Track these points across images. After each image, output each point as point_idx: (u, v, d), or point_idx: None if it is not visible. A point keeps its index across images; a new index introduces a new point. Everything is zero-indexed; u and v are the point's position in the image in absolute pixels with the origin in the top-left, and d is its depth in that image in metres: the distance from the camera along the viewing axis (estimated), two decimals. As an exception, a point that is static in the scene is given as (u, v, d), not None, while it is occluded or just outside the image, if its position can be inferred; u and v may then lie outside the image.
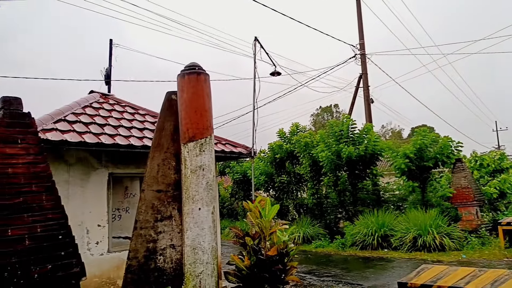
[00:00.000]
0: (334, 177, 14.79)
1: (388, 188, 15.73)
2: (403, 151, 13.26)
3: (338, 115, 54.57)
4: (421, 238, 11.00)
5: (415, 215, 11.83)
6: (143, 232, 4.45)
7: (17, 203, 3.09)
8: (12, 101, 3.45)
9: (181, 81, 4.45)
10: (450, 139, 13.10)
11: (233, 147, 8.07)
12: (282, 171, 17.12)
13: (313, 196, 15.49)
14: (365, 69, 17.52)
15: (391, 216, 12.70)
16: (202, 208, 4.10)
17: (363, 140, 14.19)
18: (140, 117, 7.77)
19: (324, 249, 12.76)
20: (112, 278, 6.14)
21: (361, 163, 14.20)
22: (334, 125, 14.86)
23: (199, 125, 4.26)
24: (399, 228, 11.83)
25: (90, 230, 6.10)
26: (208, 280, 3.91)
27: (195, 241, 4.00)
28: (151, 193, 4.56)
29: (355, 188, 14.57)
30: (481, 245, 10.85)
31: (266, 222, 4.30)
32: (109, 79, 12.50)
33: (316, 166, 15.39)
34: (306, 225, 14.40)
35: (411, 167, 13.11)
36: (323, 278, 8.23)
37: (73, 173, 6.14)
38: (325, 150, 14.01)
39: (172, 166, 4.65)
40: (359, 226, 12.60)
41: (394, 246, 11.52)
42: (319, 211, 15.61)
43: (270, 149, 17.31)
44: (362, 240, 12.09)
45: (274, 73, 12.91)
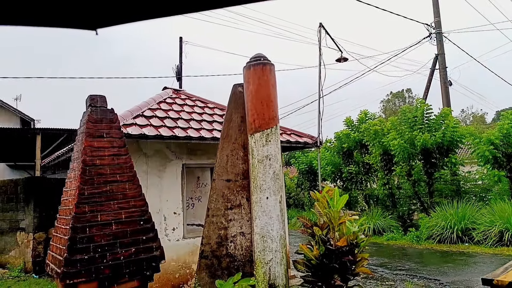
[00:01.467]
0: (407, 166, 13.96)
1: (469, 178, 14.44)
2: (487, 137, 12.05)
3: (411, 100, 51.19)
4: (509, 232, 9.96)
5: (501, 207, 10.74)
6: (214, 219, 4.66)
7: (105, 191, 3.43)
8: (98, 99, 3.82)
9: (247, 73, 4.53)
10: (545, 122, 11.59)
11: (298, 137, 8.03)
12: (350, 161, 16.62)
13: (384, 186, 14.81)
14: (442, 49, 16.14)
15: (472, 208, 11.68)
16: (269, 197, 4.16)
17: (440, 126, 13.17)
18: (209, 111, 8.09)
19: (396, 241, 12.20)
20: (187, 262, 6.55)
21: (438, 151, 13.21)
22: (407, 111, 13.99)
23: (265, 116, 4.31)
24: (483, 221, 10.84)
25: (167, 217, 6.55)
26: (277, 268, 3.98)
27: (264, 229, 4.09)
28: (221, 182, 4.74)
29: (431, 178, 13.62)
30: None
31: (335, 212, 4.23)
32: (180, 75, 13.17)
33: (387, 155, 14.68)
34: (376, 217, 13.88)
35: (496, 154, 11.88)
36: (396, 272, 7.88)
37: (151, 164, 6.63)
38: (397, 138, 13.28)
39: (240, 156, 4.79)
40: (436, 218, 11.79)
41: (476, 241, 10.59)
42: (390, 202, 14.91)
43: (337, 139, 16.89)
44: (439, 233, 11.31)
45: (341, 59, 12.49)
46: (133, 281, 3.35)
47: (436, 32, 16.08)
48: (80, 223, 3.21)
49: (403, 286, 6.70)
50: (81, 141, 3.59)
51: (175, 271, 6.43)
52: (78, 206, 3.26)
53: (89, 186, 3.35)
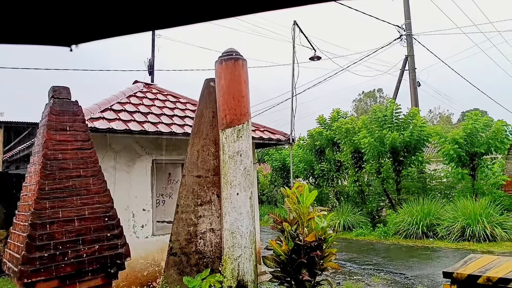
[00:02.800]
0: (377, 164, 14.33)
1: (435, 175, 15.00)
2: (452, 137, 12.54)
3: (382, 100, 52.60)
4: (470, 228, 10.44)
5: (464, 204, 11.22)
6: (184, 216, 4.60)
7: (67, 186, 3.29)
8: (61, 91, 3.66)
9: (219, 68, 4.48)
10: (504, 123, 12.19)
11: (271, 133, 8.05)
12: (322, 159, 16.88)
13: (354, 183, 15.14)
14: (411, 51, 16.64)
15: (437, 204, 12.14)
16: (240, 193, 4.15)
17: (408, 125, 13.58)
18: (181, 106, 7.96)
19: (365, 237, 12.51)
20: (156, 260, 6.43)
21: (406, 149, 13.63)
22: (377, 111, 14.33)
23: (236, 111, 4.28)
24: (446, 217, 11.29)
25: (136, 214, 6.40)
26: (246, 264, 3.97)
27: (234, 225, 4.07)
28: (191, 178, 4.68)
29: (399, 175, 14.04)
30: (539, 237, 10.11)
31: (304, 208, 4.27)
32: (152, 69, 12.89)
33: (357, 153, 15.01)
34: (346, 213, 14.17)
35: (460, 153, 12.39)
36: (363, 266, 8.08)
37: (119, 159, 6.45)
38: (367, 136, 13.59)
39: (211, 152, 4.74)
40: (403, 214, 12.18)
41: (440, 236, 11.03)
42: (360, 199, 15.27)
43: (310, 136, 17.09)
44: (406, 229, 11.69)
45: (314, 57, 12.62)
46: (97, 279, 3.24)
47: (407, 34, 16.56)
48: (40, 220, 3.07)
49: (370, 280, 6.88)
50: (42, 134, 3.43)
51: (143, 269, 6.30)
52: (37, 202, 3.11)
53: (50, 181, 3.21)
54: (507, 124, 12.32)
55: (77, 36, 1.04)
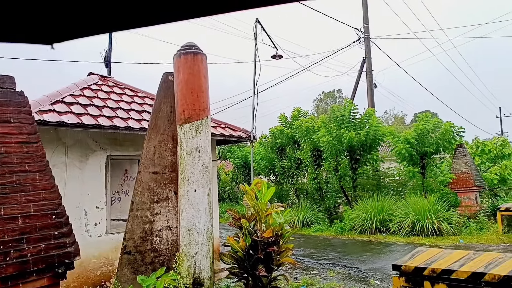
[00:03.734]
0: (334, 162, 14.76)
1: (388, 173, 15.72)
2: (404, 137, 13.19)
3: (341, 100, 54.24)
4: (420, 223, 11.05)
5: (414, 201, 11.85)
6: (139, 213, 4.47)
7: (10, 182, 3.08)
8: (5, 80, 3.41)
9: (177, 61, 4.39)
10: (452, 124, 13.00)
11: (233, 130, 8.03)
12: (283, 156, 17.12)
13: (313, 181, 15.51)
14: (369, 53, 17.28)
15: (390, 201, 12.73)
16: (197, 189, 4.09)
17: (365, 125, 14.10)
18: (139, 100, 7.72)
19: (323, 233, 12.86)
20: (110, 259, 6.21)
21: (362, 148, 14.15)
22: (336, 110, 14.75)
23: (195, 106, 4.22)
24: (398, 213, 11.87)
25: (88, 212, 6.13)
26: (203, 261, 3.94)
27: (190, 222, 4.02)
28: (148, 175, 4.56)
29: (356, 173, 14.56)
30: (479, 230, 10.89)
31: (262, 204, 4.30)
32: (109, 61, 12.37)
33: (316, 151, 15.38)
34: (305, 210, 14.48)
35: (412, 152, 13.06)
36: (320, 261, 8.30)
37: (71, 155, 6.14)
38: (326, 135, 13.95)
39: (169, 148, 4.64)
40: (358, 210, 12.65)
41: (393, 231, 11.58)
42: (319, 196, 15.67)
43: (271, 134, 17.27)
44: (360, 225, 12.16)
45: (276, 56, 12.73)
46: (43, 279, 3.06)
47: (365, 37, 17.16)
48: (-22, 218, 2.85)
49: (326, 274, 7.08)
50: (-18, 126, 3.18)
51: (96, 269, 6.06)
52: (-24, 199, 2.88)
53: (-10, 177, 2.98)
54: (454, 126, 13.14)
55: (58, 34, 1.02)
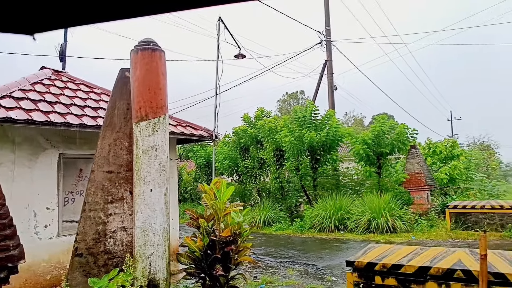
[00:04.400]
0: (296, 162, 15.01)
1: (347, 173, 16.22)
2: (362, 138, 13.66)
3: (304, 101, 55.26)
4: (375, 220, 11.49)
5: (370, 199, 12.31)
6: (92, 214, 4.30)
7: None
8: None
9: (134, 57, 4.27)
10: (406, 126, 13.63)
11: (194, 129, 7.93)
12: (246, 156, 17.16)
13: (276, 180, 15.69)
14: (330, 56, 17.73)
15: (348, 200, 13.14)
16: (154, 189, 4.00)
17: (325, 126, 14.45)
18: (95, 96, 7.42)
19: (284, 231, 13.03)
20: (62, 262, 5.92)
21: (322, 148, 14.50)
22: (298, 111, 15.01)
23: (152, 104, 4.12)
24: (355, 212, 12.27)
25: (38, 213, 5.81)
26: (158, 262, 3.85)
27: (146, 223, 3.92)
28: (102, 174, 4.40)
29: (316, 172, 14.90)
30: (429, 227, 11.51)
31: (221, 204, 4.28)
32: (63, 55, 11.77)
33: (279, 151, 15.57)
34: (267, 209, 14.61)
35: (369, 153, 13.55)
36: (280, 260, 8.40)
37: (19, 153, 5.79)
38: (288, 135, 14.15)
39: (125, 146, 4.50)
40: (318, 209, 12.94)
41: (350, 229, 11.96)
42: (281, 195, 15.87)
43: (235, 134, 17.26)
44: (320, 223, 12.45)
45: (239, 55, 12.74)
46: (-19, 286, 2.87)
47: (326, 40, 17.59)
48: None
49: (285, 272, 7.18)
50: None
51: (46, 272, 5.75)
52: None
53: None
54: (408, 128, 13.80)
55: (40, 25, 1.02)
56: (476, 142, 43.82)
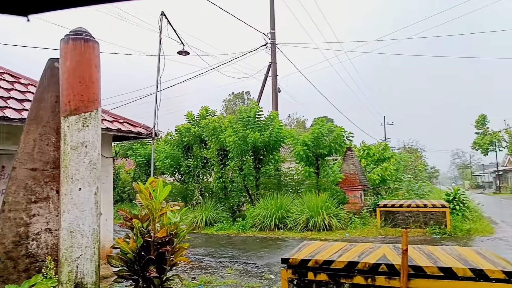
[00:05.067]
0: (240, 161, 15.09)
1: (288, 173, 16.67)
2: (303, 139, 14.12)
3: (250, 102, 55.82)
4: (313, 219, 11.94)
5: (309, 198, 12.77)
6: (12, 215, 3.94)
7: None
8: None
9: (65, 47, 3.98)
10: (343, 129, 14.34)
11: (132, 126, 7.61)
12: (189, 155, 16.89)
13: (219, 180, 15.62)
14: (274, 58, 18.08)
15: (289, 199, 13.50)
16: (83, 188, 3.77)
17: (269, 127, 14.72)
18: (21, 87, 6.81)
19: (225, 231, 13.03)
20: (-24, 269, 5.34)
21: (265, 148, 14.75)
22: (242, 111, 15.11)
23: (83, 97, 3.88)
24: (295, 210, 12.65)
25: None
26: (86, 265, 3.63)
27: (73, 224, 3.67)
28: (25, 171, 4.05)
29: (259, 172, 15.11)
30: (362, 225, 12.23)
31: (157, 204, 4.16)
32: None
33: (223, 151, 15.54)
34: (209, 209, 14.51)
35: (308, 154, 14.05)
36: (220, 259, 8.38)
37: None
38: (232, 135, 14.17)
39: (52, 142, 4.19)
40: (260, 208, 13.13)
41: (290, 227, 12.31)
42: (223, 195, 15.84)
43: (178, 132, 16.89)
44: (261, 222, 12.64)
45: (182, 52, 12.48)
46: None
47: (271, 43, 17.92)
48: None
49: (224, 272, 7.17)
50: None
51: (-44, 282, 5.15)
52: None
53: None
54: (345, 131, 14.53)
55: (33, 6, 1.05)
56: (406, 146, 47.48)
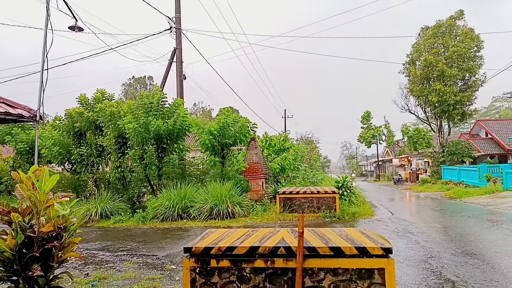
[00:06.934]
0: (140, 150, 14.35)
1: (193, 162, 16.47)
2: (208, 128, 14.08)
3: (152, 88, 53.43)
4: (217, 207, 12.06)
5: (214, 187, 12.84)
6: None
7: None
8: None
9: None
10: (248, 120, 14.71)
11: (10, 107, 6.60)
12: (82, 142, 15.43)
13: (117, 170, 14.64)
14: (180, 44, 17.52)
15: (193, 188, 13.37)
16: None
17: (173, 115, 14.27)
18: None
19: (123, 223, 12.32)
20: None
21: (169, 137, 14.29)
22: (144, 97, 14.34)
23: None
24: (199, 200, 12.60)
25: None
26: None
27: None
28: None
29: (162, 162, 14.59)
30: (263, 211, 12.78)
31: (41, 195, 3.68)
32: None
33: (122, 138, 14.58)
34: (105, 200, 13.54)
35: (214, 143, 14.08)
36: (117, 253, 7.88)
37: None
38: (132, 121, 13.37)
39: None
40: (162, 199, 12.73)
41: (193, 217, 12.21)
42: (122, 186, 14.92)
43: (68, 117, 15.27)
44: (163, 213, 12.28)
45: (74, 27, 11.22)
46: None
47: (176, 27, 17.30)
48: None
49: (122, 266, 6.76)
50: None
51: None
52: None
53: None
54: (249, 122, 14.93)
55: None
56: (303, 137, 51.09)
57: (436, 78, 31.28)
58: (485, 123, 39.10)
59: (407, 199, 20.70)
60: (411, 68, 33.41)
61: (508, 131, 35.80)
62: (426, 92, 31.94)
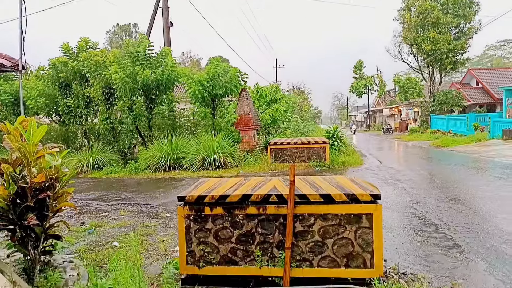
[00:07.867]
0: (129, 101, 14.11)
1: (183, 114, 16.32)
2: (198, 79, 13.78)
3: (138, 36, 51.32)
4: (209, 158, 12.18)
5: (205, 139, 12.87)
6: None
7: None
8: None
9: None
10: (238, 70, 14.40)
11: (-10, 56, 6.30)
12: (68, 93, 15.06)
13: (106, 121, 14.48)
14: (165, -11, 16.57)
15: (184, 140, 13.39)
16: None
17: (161, 64, 13.86)
18: None
19: (116, 174, 12.43)
20: None
21: (158, 88, 14.00)
22: (130, 45, 13.79)
23: None
24: (191, 151, 12.68)
25: None
26: None
27: None
28: None
29: (151, 113, 14.44)
30: (255, 162, 12.96)
31: (31, 146, 3.62)
32: None
33: (109, 89, 14.26)
34: (96, 152, 13.54)
35: (204, 94, 13.86)
36: (111, 203, 8.03)
37: None
38: (119, 71, 12.99)
39: None
40: (153, 150, 12.77)
41: (185, 167, 12.36)
42: (112, 137, 14.86)
43: (52, 67, 14.73)
44: (155, 163, 12.38)
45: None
46: None
47: (162, -31, 16.23)
48: None
49: (117, 215, 6.92)
50: None
51: None
52: None
53: None
54: (240, 72, 14.61)
55: None
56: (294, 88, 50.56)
57: (431, 26, 30.59)
58: (476, 72, 38.98)
59: (395, 148, 21.13)
60: (406, 15, 32.49)
61: (499, 80, 35.87)
62: (420, 40, 31.36)
